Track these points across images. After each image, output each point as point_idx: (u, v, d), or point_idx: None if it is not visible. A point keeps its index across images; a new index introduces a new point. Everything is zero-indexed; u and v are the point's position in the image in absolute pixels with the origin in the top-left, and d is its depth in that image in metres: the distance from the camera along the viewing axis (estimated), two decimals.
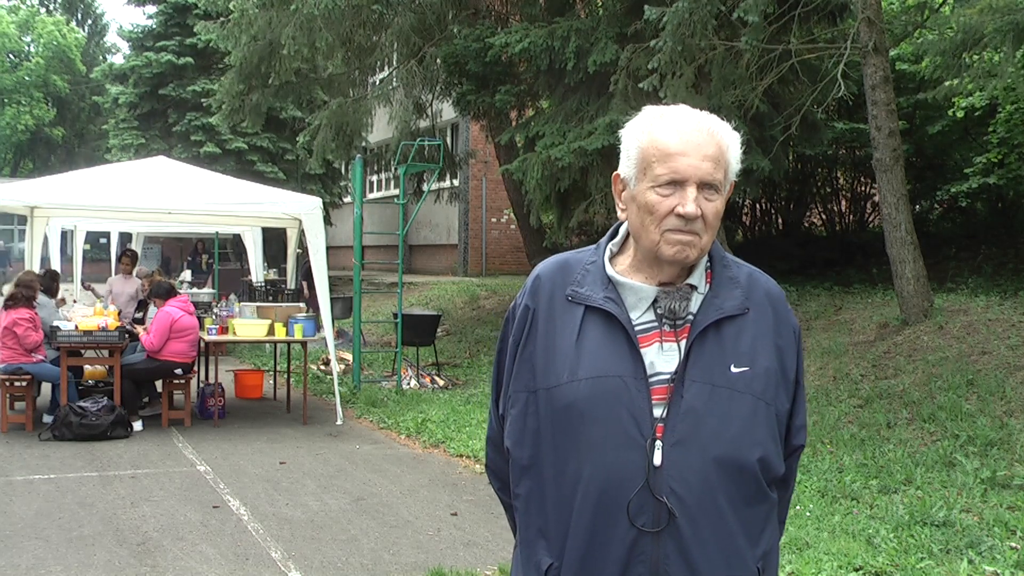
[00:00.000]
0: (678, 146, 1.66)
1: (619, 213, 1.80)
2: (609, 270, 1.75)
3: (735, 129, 1.76)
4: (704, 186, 1.66)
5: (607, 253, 1.79)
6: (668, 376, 1.67)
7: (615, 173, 1.79)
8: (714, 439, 1.65)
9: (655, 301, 1.71)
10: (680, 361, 1.67)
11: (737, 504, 1.67)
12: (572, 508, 1.68)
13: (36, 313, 8.57)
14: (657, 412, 1.65)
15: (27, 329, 8.34)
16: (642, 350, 1.68)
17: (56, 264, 13.16)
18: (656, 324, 1.71)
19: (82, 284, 11.95)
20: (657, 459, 1.63)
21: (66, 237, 15.30)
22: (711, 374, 1.67)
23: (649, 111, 1.74)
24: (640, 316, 1.71)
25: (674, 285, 1.72)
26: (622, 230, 1.82)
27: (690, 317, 1.71)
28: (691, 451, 1.64)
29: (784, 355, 1.76)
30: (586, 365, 1.68)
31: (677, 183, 1.66)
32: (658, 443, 1.64)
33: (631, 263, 1.76)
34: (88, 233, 15.40)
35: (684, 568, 1.63)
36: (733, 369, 1.68)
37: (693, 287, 1.72)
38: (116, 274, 12.27)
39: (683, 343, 1.69)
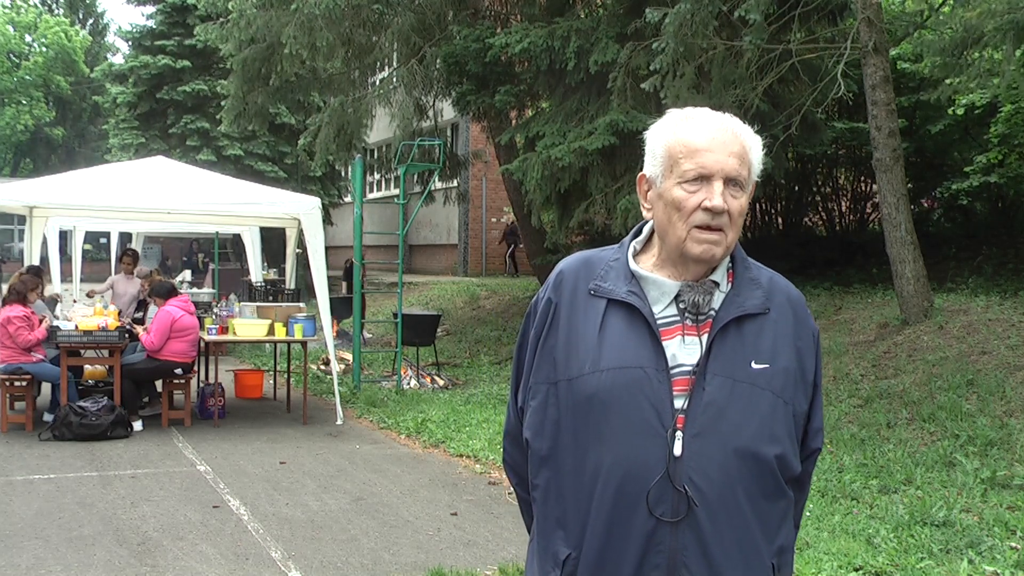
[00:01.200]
0: (704, 143, 1.70)
1: (644, 213, 1.82)
2: (632, 265, 1.78)
3: None
4: (730, 182, 1.70)
5: (631, 250, 1.82)
6: (690, 368, 1.69)
7: (640, 174, 1.82)
8: (734, 432, 1.67)
9: (678, 296, 1.74)
10: (702, 354, 1.70)
11: (755, 498, 1.69)
12: (592, 498, 1.69)
13: (32, 311, 8.55)
14: (678, 403, 1.67)
15: (19, 328, 8.29)
16: (664, 342, 1.70)
17: (55, 264, 13.14)
18: (678, 318, 1.73)
19: (87, 294, 11.91)
20: (677, 449, 1.65)
21: (66, 237, 15.31)
22: (732, 369, 1.69)
23: (673, 113, 1.79)
24: (663, 310, 1.74)
25: (697, 281, 1.75)
26: (646, 229, 1.85)
27: (712, 313, 1.73)
28: (711, 443, 1.66)
29: (803, 357, 1.78)
30: (608, 356, 1.70)
31: (704, 178, 1.69)
32: (678, 434, 1.66)
33: (655, 261, 1.79)
34: (89, 233, 15.40)
35: (701, 559, 1.65)
36: (754, 365, 1.71)
37: (716, 284, 1.75)
38: (117, 274, 12.23)
39: (705, 337, 1.71)
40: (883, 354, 8.50)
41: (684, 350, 1.70)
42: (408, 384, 10.97)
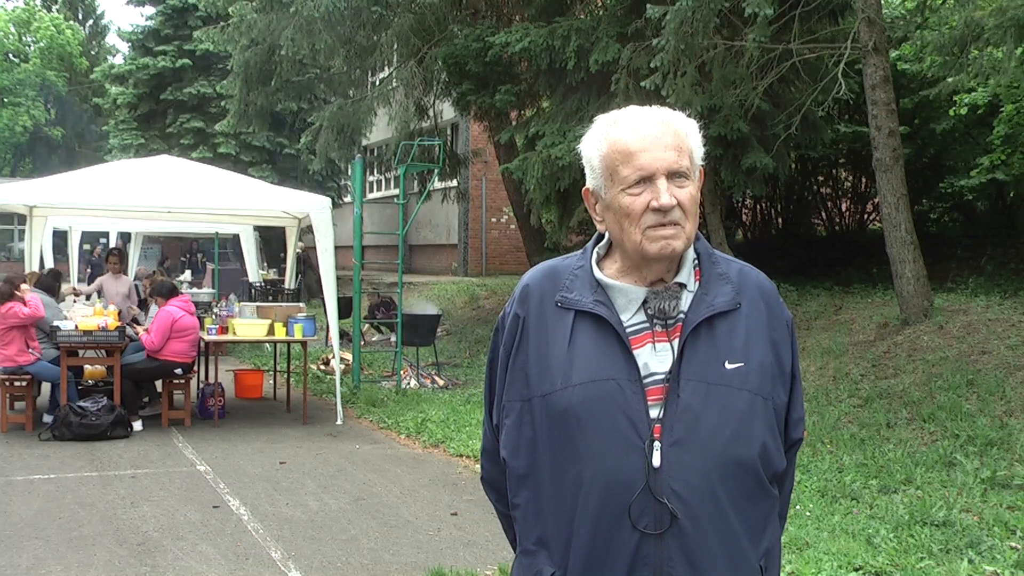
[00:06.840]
0: (638, 144, 1.67)
1: (598, 226, 1.80)
2: (597, 273, 1.75)
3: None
4: (672, 175, 1.67)
5: (594, 257, 1.79)
6: (663, 376, 1.66)
7: (584, 189, 1.79)
8: (713, 437, 1.64)
9: (645, 302, 1.71)
10: (674, 360, 1.66)
11: (739, 502, 1.66)
12: (573, 515, 1.67)
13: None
14: (653, 413, 1.65)
15: (24, 308, 8.25)
16: (635, 351, 1.67)
17: (49, 264, 13.11)
18: (647, 325, 1.70)
19: (71, 291, 11.81)
20: (656, 460, 1.62)
21: (64, 237, 15.32)
22: (706, 372, 1.66)
23: (601, 120, 1.76)
24: (631, 318, 1.71)
25: (663, 283, 1.72)
26: (608, 235, 1.82)
27: (681, 316, 1.70)
28: (690, 450, 1.63)
29: (779, 348, 1.75)
30: (579, 370, 1.67)
31: (646, 179, 1.66)
32: (656, 444, 1.63)
33: (619, 267, 1.76)
34: (88, 233, 15.39)
35: (688, 569, 1.63)
36: (727, 366, 1.67)
37: (683, 285, 1.72)
38: (104, 274, 12.08)
39: (676, 342, 1.68)
40: (883, 354, 8.50)
41: (655, 358, 1.67)
42: (408, 384, 10.97)
